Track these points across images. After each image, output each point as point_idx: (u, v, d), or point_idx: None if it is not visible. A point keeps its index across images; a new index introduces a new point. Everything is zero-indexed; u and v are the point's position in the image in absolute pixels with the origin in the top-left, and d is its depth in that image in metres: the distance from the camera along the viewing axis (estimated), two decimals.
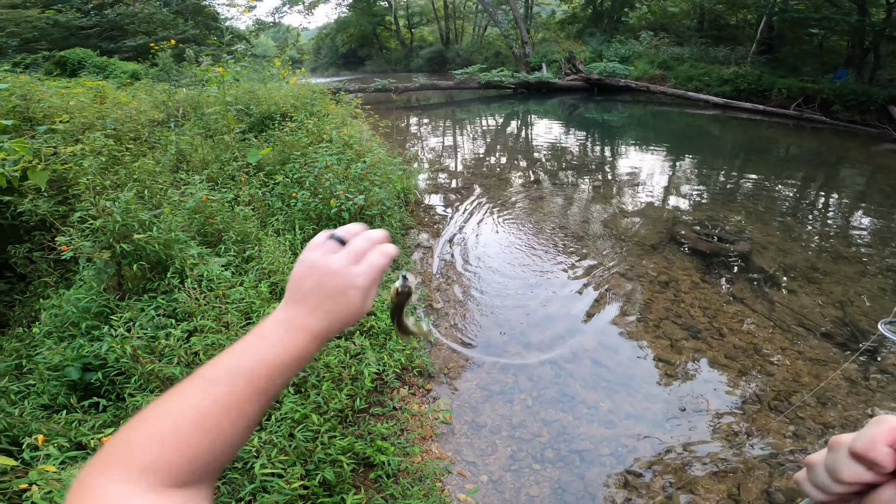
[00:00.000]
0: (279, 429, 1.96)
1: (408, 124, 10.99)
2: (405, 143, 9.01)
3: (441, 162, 7.85)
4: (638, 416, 2.59)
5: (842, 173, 8.05)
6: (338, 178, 3.99)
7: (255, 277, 2.88)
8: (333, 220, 3.76)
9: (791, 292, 3.75)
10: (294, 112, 5.56)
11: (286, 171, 4.21)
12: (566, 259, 4.33)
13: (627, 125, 11.64)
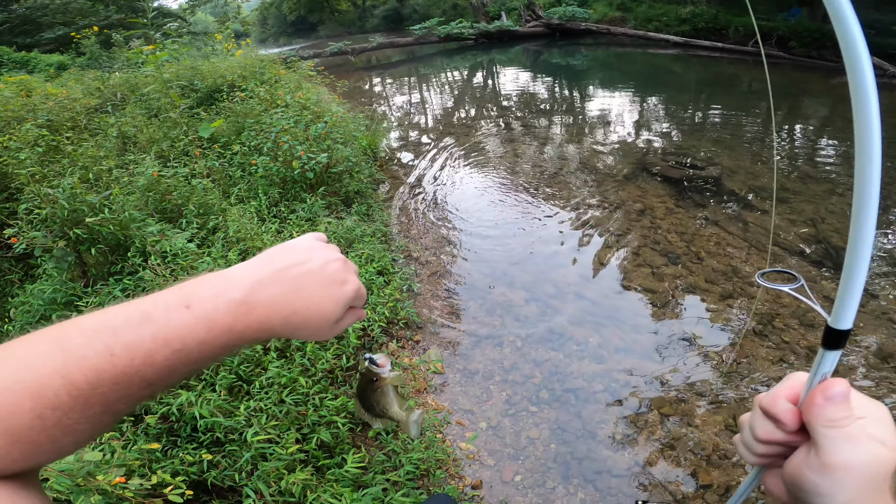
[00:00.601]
0: (267, 395, 1.90)
1: (371, 84, 10.56)
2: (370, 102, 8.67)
3: (410, 117, 7.63)
4: (627, 350, 2.61)
5: (804, 104, 8.16)
6: (297, 140, 3.82)
7: (222, 247, 2.77)
8: (298, 181, 3.63)
9: (763, 213, 3.81)
10: (243, 82, 5.37)
11: (242, 139, 4.09)
12: (542, 196, 4.30)
13: (592, 68, 11.46)
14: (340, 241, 3.19)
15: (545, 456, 2.09)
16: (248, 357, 2.02)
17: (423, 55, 13.80)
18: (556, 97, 8.70)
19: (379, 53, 13.98)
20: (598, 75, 10.66)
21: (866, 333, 2.64)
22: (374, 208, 3.94)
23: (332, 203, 3.74)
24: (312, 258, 0.42)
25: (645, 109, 7.57)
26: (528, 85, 9.67)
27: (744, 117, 6.89)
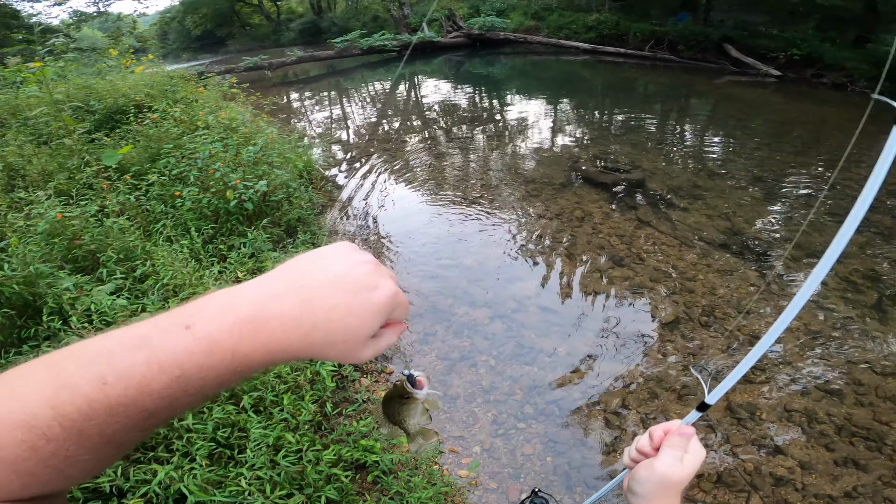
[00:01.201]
0: (258, 460, 1.74)
1: (289, 100, 10.12)
2: (292, 119, 8.30)
3: (337, 133, 7.42)
4: (595, 355, 2.74)
5: (694, 103, 9.16)
6: (228, 166, 3.53)
7: (158, 298, 2.46)
8: (234, 213, 3.35)
9: (684, 210, 4.20)
10: (152, 102, 4.85)
11: (159, 168, 3.67)
12: (488, 210, 4.38)
13: (511, 76, 11.97)
14: None
15: (544, 470, 2.14)
16: (222, 420, 1.84)
17: (344, 68, 13.53)
18: (483, 106, 8.96)
19: (297, 68, 13.46)
20: (518, 83, 11.16)
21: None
22: (320, 236, 3.76)
23: (273, 234, 3.50)
24: (336, 262, 0.36)
25: (566, 116, 8.04)
26: (455, 95, 9.86)
27: (648, 119, 7.57)
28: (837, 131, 6.70)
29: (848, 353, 2.78)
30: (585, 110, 8.35)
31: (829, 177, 5.16)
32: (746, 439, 2.29)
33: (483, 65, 13.08)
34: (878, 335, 2.90)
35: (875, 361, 2.71)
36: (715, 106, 8.85)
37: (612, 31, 13.59)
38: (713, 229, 3.88)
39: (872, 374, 2.64)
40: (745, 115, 7.80)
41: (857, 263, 3.56)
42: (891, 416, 2.40)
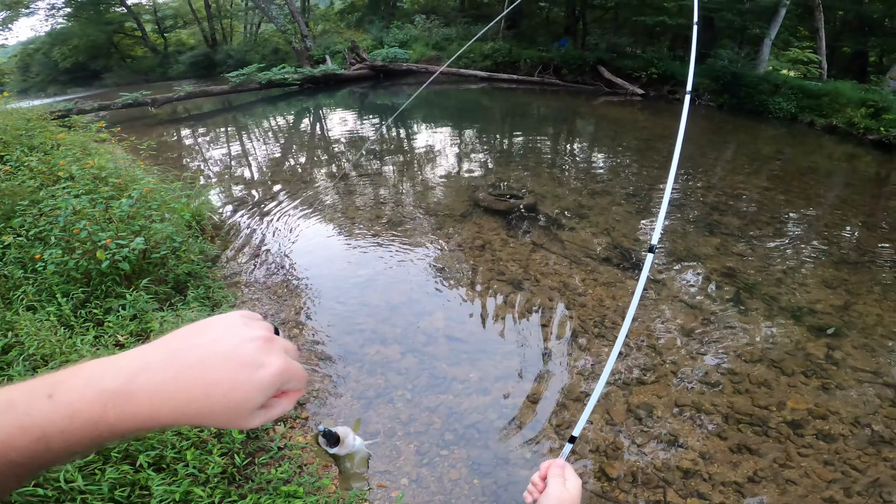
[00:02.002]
0: None
1: (179, 138, 9.45)
2: (182, 160, 7.73)
3: (235, 173, 7.02)
4: (505, 377, 2.87)
5: (577, 124, 10.14)
6: (97, 223, 3.21)
7: (25, 368, 2.21)
8: (109, 274, 3.04)
9: (571, 230, 4.59)
10: (4, 150, 4.26)
11: (14, 226, 3.27)
12: (390, 246, 4.41)
13: (415, 106, 12.30)
14: None
15: (473, 493, 2.18)
16: (117, 480, 1.71)
17: (241, 104, 12.95)
18: (389, 138, 9.09)
19: (188, 103, 12.61)
20: (421, 112, 11.51)
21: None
22: (215, 289, 3.51)
23: (159, 293, 3.22)
24: (223, 336, 0.36)
25: (465, 144, 8.44)
26: (358, 127, 9.89)
27: (540, 142, 8.23)
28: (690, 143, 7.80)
29: (719, 345, 3.17)
30: (484, 137, 8.84)
31: (688, 184, 5.97)
32: (650, 436, 2.50)
33: (387, 96, 13.33)
34: (742, 325, 3.35)
35: (743, 350, 3.11)
36: (595, 126, 9.88)
37: (506, 59, 14.57)
38: (597, 245, 4.28)
39: (742, 362, 3.02)
40: (619, 133, 8.80)
41: (714, 264, 4.13)
42: (767, 399, 2.73)
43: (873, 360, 3.07)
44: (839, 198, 6.12)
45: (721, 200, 5.55)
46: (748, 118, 10.61)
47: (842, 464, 2.39)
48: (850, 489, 2.26)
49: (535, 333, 3.24)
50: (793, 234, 4.95)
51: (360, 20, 21.18)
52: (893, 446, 2.49)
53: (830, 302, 3.65)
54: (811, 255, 4.46)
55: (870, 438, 2.53)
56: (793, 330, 3.33)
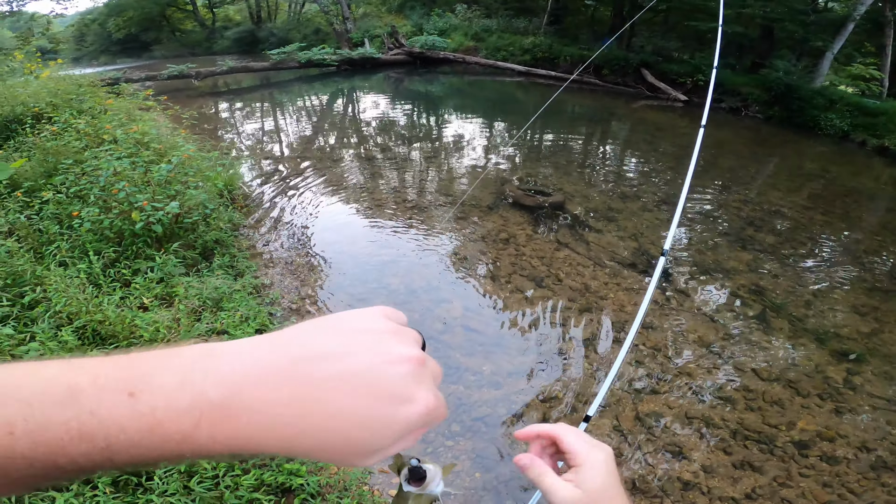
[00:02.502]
0: (170, 486, 1.67)
1: (217, 111, 9.67)
2: (219, 131, 7.93)
3: (267, 148, 7.16)
4: (518, 372, 2.85)
5: (613, 126, 9.89)
6: (136, 185, 3.32)
7: (50, 326, 2.29)
8: (141, 236, 3.14)
9: (598, 232, 4.50)
10: (54, 112, 4.47)
11: (56, 184, 3.40)
12: (415, 231, 4.42)
13: (449, 95, 12.26)
14: (206, 302, 2.86)
15: (473, 485, 2.18)
16: None
17: (279, 81, 13.14)
18: (420, 124, 9.09)
19: (228, 78, 12.88)
20: (455, 102, 11.47)
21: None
22: (239, 258, 3.59)
23: (187, 258, 3.32)
24: (361, 349, 0.28)
25: (498, 136, 8.37)
26: (392, 112, 9.92)
27: (572, 141, 8.07)
28: (732, 154, 7.52)
29: (737, 361, 3.09)
30: (516, 130, 8.73)
31: (723, 197, 5.77)
32: (654, 445, 2.46)
33: (422, 83, 13.29)
34: (763, 344, 3.26)
35: (760, 369, 3.04)
36: (631, 129, 9.61)
37: (546, 55, 14.29)
38: (623, 249, 4.19)
39: (759, 380, 2.95)
40: (656, 138, 8.54)
41: (743, 279, 3.99)
42: (778, 419, 2.68)
43: (891, 388, 3.00)
44: (880, 223, 5.82)
45: (757, 216, 5.34)
46: (797, 132, 10.16)
47: (840, 486, 2.36)
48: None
49: (552, 332, 3.20)
50: (828, 256, 4.74)
51: (401, 6, 21.13)
52: (894, 473, 2.44)
53: (858, 328, 3.53)
54: (844, 279, 4.28)
55: (872, 463, 2.49)
56: (815, 352, 3.24)
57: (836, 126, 9.97)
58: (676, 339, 3.22)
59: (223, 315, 2.77)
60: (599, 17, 18.44)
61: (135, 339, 2.35)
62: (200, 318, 2.70)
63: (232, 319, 2.74)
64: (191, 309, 2.75)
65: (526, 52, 14.48)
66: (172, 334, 2.40)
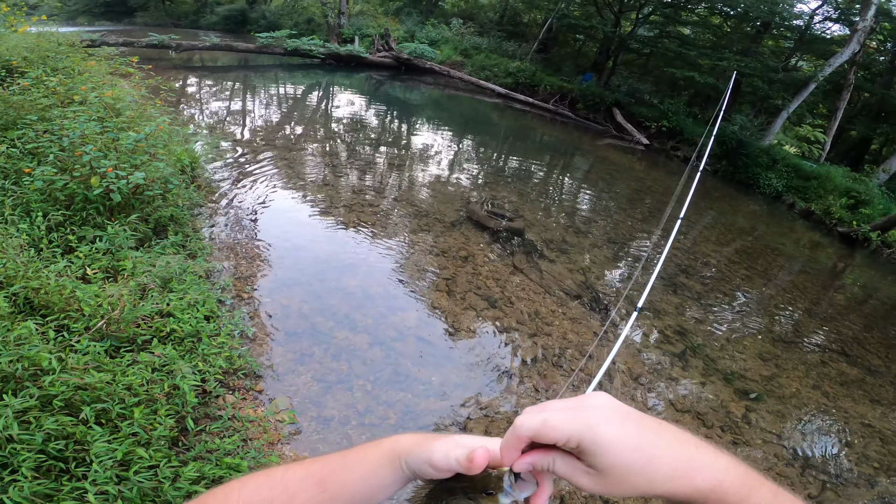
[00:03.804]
0: (103, 475, 1.60)
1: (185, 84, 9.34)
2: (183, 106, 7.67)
3: (233, 130, 7.02)
4: (465, 385, 3.00)
5: (576, 160, 10.43)
6: (101, 150, 3.23)
7: None
8: (94, 202, 3.04)
9: (552, 262, 4.80)
10: (27, 67, 4.30)
11: (12, 137, 3.28)
12: (376, 236, 4.52)
13: (426, 105, 12.45)
14: (154, 280, 2.81)
15: (419, 495, 2.28)
16: (55, 432, 1.66)
17: (258, 65, 12.85)
18: (392, 130, 9.20)
19: (205, 54, 12.47)
20: (430, 113, 11.65)
21: None
22: (193, 239, 3.52)
23: (139, 231, 3.20)
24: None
25: (467, 154, 8.62)
26: (367, 113, 9.97)
27: (537, 169, 8.48)
28: (678, 203, 8.14)
29: (658, 392, 3.43)
30: (485, 151, 9.05)
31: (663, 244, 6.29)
32: None
33: (403, 89, 13.42)
34: (681, 379, 3.62)
35: (676, 401, 3.38)
36: (592, 166, 10.19)
37: (528, 81, 14.75)
38: (571, 282, 4.51)
39: (674, 410, 3.28)
40: (614, 178, 9.12)
41: (671, 321, 4.40)
42: None
43: (780, 425, 3.43)
44: (792, 282, 6.55)
45: (690, 264, 5.87)
46: (737, 188, 11.07)
47: None
48: None
49: (499, 352, 3.39)
50: (744, 307, 5.30)
51: (398, 10, 21.29)
52: None
53: (760, 371, 4.00)
54: (755, 328, 4.81)
55: None
56: (721, 389, 3.63)
57: (772, 185, 10.79)
58: (610, 369, 3.52)
59: (171, 297, 2.68)
60: (586, 52, 19.36)
61: (72, 312, 2.22)
62: (146, 297, 2.58)
63: (180, 303, 2.65)
64: (138, 286, 2.62)
65: (509, 75, 14.90)
66: (115, 312, 2.27)
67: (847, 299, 6.67)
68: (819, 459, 3.24)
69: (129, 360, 2.14)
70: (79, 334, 2.13)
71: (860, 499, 2.98)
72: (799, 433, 3.44)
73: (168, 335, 2.46)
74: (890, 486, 3.14)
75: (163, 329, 2.45)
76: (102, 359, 2.05)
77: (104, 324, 2.22)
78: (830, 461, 3.27)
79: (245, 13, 22.56)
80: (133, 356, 2.19)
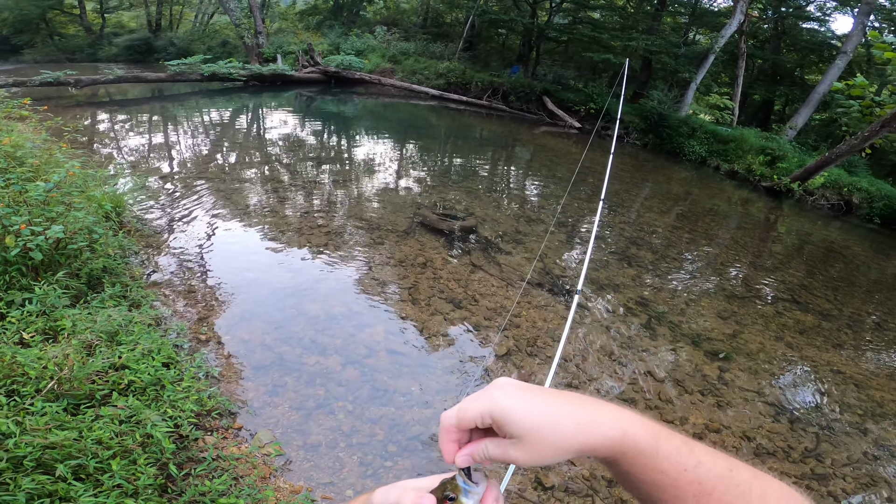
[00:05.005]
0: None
1: (94, 122, 8.66)
2: (94, 146, 7.08)
3: (159, 166, 6.56)
4: (446, 390, 2.98)
5: (517, 151, 10.70)
6: (10, 206, 2.92)
7: None
8: (14, 264, 2.78)
9: (508, 254, 4.87)
10: None
11: None
12: (330, 256, 4.40)
13: (362, 116, 12.31)
14: (99, 336, 2.60)
15: None
16: (35, 490, 1.62)
17: (174, 94, 12.12)
18: (331, 146, 9.01)
19: (111, 87, 11.60)
20: (367, 123, 11.54)
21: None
22: (133, 288, 3.28)
23: (70, 288, 2.97)
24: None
25: (410, 160, 8.60)
26: (302, 132, 9.70)
27: (480, 165, 8.60)
28: (616, 179, 8.56)
29: (633, 366, 3.53)
30: (429, 155, 9.06)
31: (610, 220, 6.56)
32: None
33: (336, 103, 13.18)
34: (652, 349, 3.76)
35: (653, 370, 3.49)
36: (533, 154, 10.49)
37: (459, 80, 14.95)
38: (531, 270, 4.59)
39: (653, 381, 3.38)
40: (554, 163, 9.43)
41: (631, 293, 4.58)
42: (672, 415, 3.06)
43: (756, 382, 3.60)
44: (733, 239, 7.04)
45: (638, 235, 6.17)
46: (667, 159, 11.81)
47: None
48: None
49: (473, 351, 3.40)
50: (694, 269, 5.63)
51: (319, 24, 20.88)
52: (776, 458, 2.89)
53: (722, 330, 4.22)
54: (708, 288, 5.10)
55: (755, 450, 2.91)
56: (692, 354, 3.80)
57: (696, 152, 11.73)
58: (582, 349, 3.61)
59: (121, 350, 2.55)
60: (510, 45, 19.90)
61: (18, 377, 2.13)
62: (94, 354, 2.46)
63: (132, 354, 2.54)
64: (82, 344, 2.49)
65: (440, 76, 15.03)
66: (63, 371, 2.18)
67: (785, 248, 7.26)
68: (803, 412, 3.39)
69: (91, 416, 2.08)
70: (31, 397, 2.06)
71: (856, 448, 3.14)
72: (776, 388, 3.62)
73: (127, 387, 2.37)
74: (880, 431, 3.33)
75: (120, 382, 2.36)
76: (63, 417, 2.01)
77: (55, 384, 2.16)
78: (814, 413, 3.43)
79: (149, 42, 21.34)
80: (95, 411, 2.12)
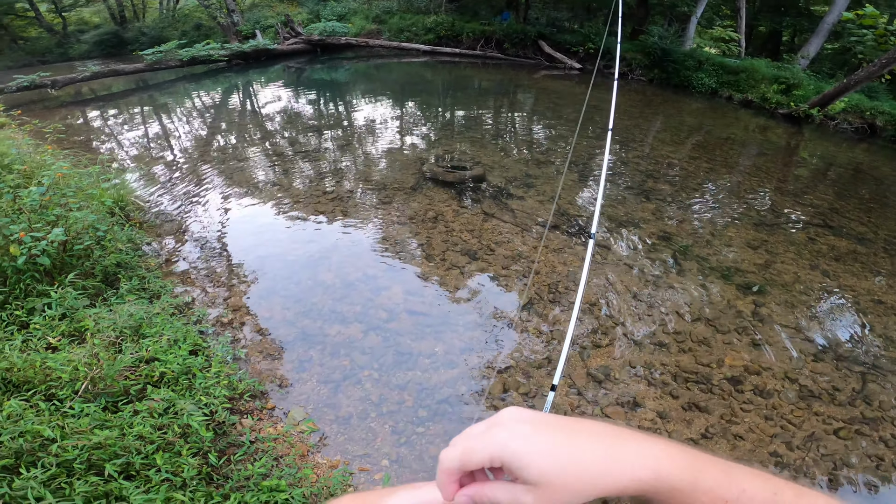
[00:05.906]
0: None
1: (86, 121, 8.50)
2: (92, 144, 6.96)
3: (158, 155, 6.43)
4: (470, 348, 2.91)
5: (519, 97, 10.25)
6: (6, 214, 2.86)
7: None
8: (26, 271, 2.75)
9: (520, 199, 4.70)
10: None
11: None
12: (339, 223, 4.29)
13: (355, 80, 11.88)
14: (123, 332, 2.58)
15: None
16: (89, 493, 1.66)
17: (159, 82, 11.77)
18: (329, 113, 8.73)
19: (95, 83, 11.28)
20: (362, 86, 11.13)
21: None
22: (150, 279, 3.25)
23: (87, 288, 2.95)
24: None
25: (411, 117, 8.30)
26: (297, 103, 9.40)
27: (484, 114, 8.26)
28: (625, 116, 8.17)
29: (661, 305, 3.36)
30: (429, 110, 8.73)
31: (624, 155, 6.28)
32: (610, 399, 2.60)
33: (325, 71, 12.71)
34: (680, 286, 3.59)
35: (682, 310, 3.31)
36: (536, 98, 10.04)
37: (449, 33, 14.26)
38: (545, 212, 4.42)
39: (683, 321, 3.21)
40: (558, 105, 9.02)
41: (652, 228, 4.40)
42: (708, 358, 2.90)
43: (794, 317, 3.34)
44: (755, 165, 6.70)
45: (654, 168, 5.89)
46: (675, 92, 11.24)
47: (780, 419, 2.54)
48: (790, 443, 2.43)
49: (494, 303, 3.30)
50: (717, 198, 5.37)
51: None
52: (822, 401, 2.69)
53: (753, 261, 3.97)
54: (734, 217, 4.85)
55: (799, 393, 2.73)
56: (723, 289, 3.58)
57: (706, 84, 11.19)
58: (606, 292, 3.48)
59: (147, 342, 2.54)
60: None
61: (52, 381, 2.15)
62: (122, 350, 2.46)
63: (159, 345, 2.54)
64: (108, 341, 2.49)
65: (429, 31, 14.37)
66: (95, 371, 2.18)
67: (811, 172, 6.89)
68: (846, 350, 3.11)
69: (130, 412, 2.09)
70: (69, 399, 2.07)
71: None
72: (816, 322, 3.34)
73: (160, 378, 2.39)
74: None
75: (152, 374, 2.37)
76: (103, 416, 2.02)
77: (88, 384, 2.18)
78: (858, 349, 3.14)
79: (118, 34, 20.70)
80: (132, 407, 2.14)
